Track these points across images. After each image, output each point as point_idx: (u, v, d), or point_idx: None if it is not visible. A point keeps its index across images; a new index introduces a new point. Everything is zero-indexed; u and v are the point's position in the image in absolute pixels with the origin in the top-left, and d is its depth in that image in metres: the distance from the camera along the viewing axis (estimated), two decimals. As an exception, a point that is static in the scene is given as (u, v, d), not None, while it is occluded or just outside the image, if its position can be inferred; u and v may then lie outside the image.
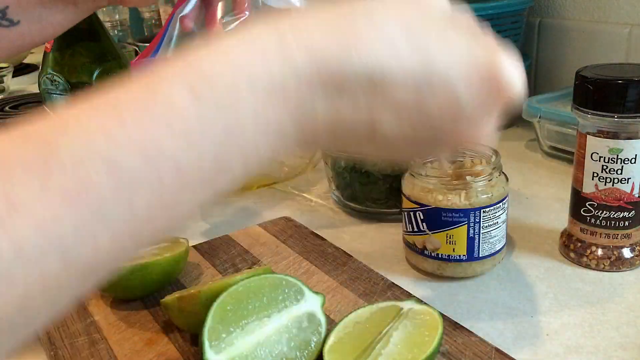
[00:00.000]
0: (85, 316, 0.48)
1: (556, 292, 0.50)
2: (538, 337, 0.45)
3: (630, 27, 0.81)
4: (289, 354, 0.39)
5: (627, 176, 0.49)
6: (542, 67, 0.95)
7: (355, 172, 0.63)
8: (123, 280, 0.47)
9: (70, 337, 0.45)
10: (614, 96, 0.47)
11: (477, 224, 0.50)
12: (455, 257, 0.51)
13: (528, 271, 0.53)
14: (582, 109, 0.49)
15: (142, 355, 0.43)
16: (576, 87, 0.50)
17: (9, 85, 1.27)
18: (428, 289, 0.52)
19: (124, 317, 0.47)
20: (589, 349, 0.43)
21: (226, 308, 0.39)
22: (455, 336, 0.42)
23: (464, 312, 0.48)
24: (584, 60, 0.86)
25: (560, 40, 0.91)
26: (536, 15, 0.94)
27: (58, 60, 0.63)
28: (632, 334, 0.44)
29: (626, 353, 0.42)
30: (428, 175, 0.51)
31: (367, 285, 0.49)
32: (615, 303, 0.48)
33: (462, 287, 0.52)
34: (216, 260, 0.55)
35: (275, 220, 0.62)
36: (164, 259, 0.48)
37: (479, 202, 0.49)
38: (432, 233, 0.51)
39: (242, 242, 0.58)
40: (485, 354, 0.40)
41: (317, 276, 0.51)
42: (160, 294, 0.50)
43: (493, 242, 0.51)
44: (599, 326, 0.45)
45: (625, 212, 0.50)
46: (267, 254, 0.56)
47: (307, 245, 0.57)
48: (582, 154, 0.51)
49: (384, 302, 0.43)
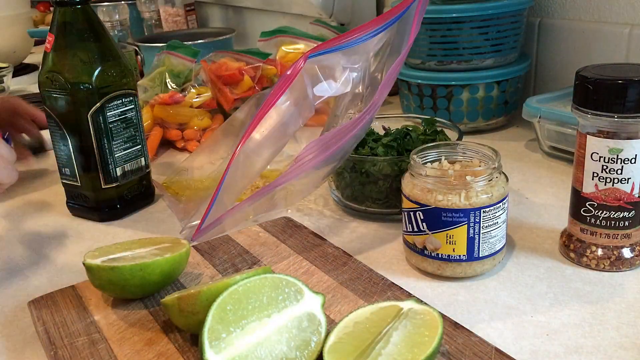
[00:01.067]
0: (85, 316, 0.48)
1: (556, 292, 0.50)
2: (538, 337, 0.45)
3: (630, 27, 0.81)
4: (289, 354, 0.39)
5: (627, 176, 0.49)
6: (542, 67, 0.95)
7: (355, 172, 0.63)
8: (123, 281, 0.47)
9: (70, 337, 0.45)
10: (614, 96, 0.47)
11: (477, 224, 0.50)
12: (455, 257, 0.51)
13: (528, 271, 0.53)
14: (582, 109, 0.49)
15: (142, 355, 0.43)
16: (576, 87, 0.50)
17: (9, 85, 1.27)
18: (428, 289, 0.52)
19: (124, 317, 0.47)
20: (589, 349, 0.43)
21: (226, 308, 0.39)
22: (455, 336, 0.42)
23: (464, 312, 0.48)
24: (584, 60, 0.86)
25: (560, 40, 0.91)
26: (536, 15, 0.94)
27: (58, 60, 0.64)
28: (632, 334, 0.44)
29: (626, 353, 0.42)
30: (428, 175, 0.51)
31: (367, 285, 0.49)
32: (615, 303, 0.48)
33: (462, 287, 0.52)
34: (216, 260, 0.55)
35: (275, 220, 0.62)
36: (164, 260, 0.48)
37: (479, 202, 0.49)
38: (432, 233, 0.51)
39: (242, 242, 0.58)
40: (485, 354, 0.40)
41: (317, 276, 0.51)
42: (161, 294, 0.50)
43: (493, 242, 0.51)
44: (599, 326, 0.45)
45: (625, 212, 0.50)
46: (267, 254, 0.56)
47: (307, 245, 0.57)
48: (582, 154, 0.51)
49: (384, 302, 0.43)
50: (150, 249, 0.50)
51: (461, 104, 0.88)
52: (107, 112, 0.65)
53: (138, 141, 0.69)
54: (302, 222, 0.63)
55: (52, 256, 0.62)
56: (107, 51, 0.65)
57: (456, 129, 0.67)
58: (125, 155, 0.68)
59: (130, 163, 0.69)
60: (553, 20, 0.92)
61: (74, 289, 0.52)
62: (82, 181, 0.67)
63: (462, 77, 0.86)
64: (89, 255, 0.49)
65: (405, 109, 0.96)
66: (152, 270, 0.47)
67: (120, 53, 0.67)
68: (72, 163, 0.66)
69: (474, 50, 0.85)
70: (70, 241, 0.65)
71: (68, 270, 0.59)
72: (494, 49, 0.85)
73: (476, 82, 0.86)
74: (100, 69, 0.64)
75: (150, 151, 0.89)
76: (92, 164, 0.66)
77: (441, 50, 0.86)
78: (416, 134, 0.66)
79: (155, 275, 0.48)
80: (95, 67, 0.64)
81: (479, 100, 0.87)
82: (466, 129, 0.89)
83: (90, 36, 0.64)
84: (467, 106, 0.88)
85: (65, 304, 0.50)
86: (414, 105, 0.92)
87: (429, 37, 0.87)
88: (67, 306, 0.49)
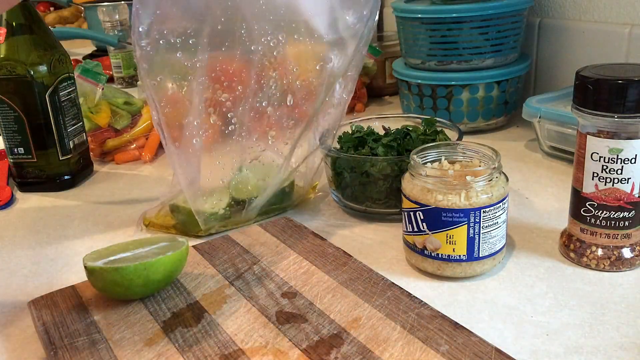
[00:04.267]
0: (85, 316, 0.48)
1: (556, 292, 0.50)
2: (538, 337, 0.45)
3: (630, 27, 0.81)
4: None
5: (627, 176, 0.49)
6: (542, 67, 0.95)
7: (355, 172, 0.63)
8: (127, 281, 0.47)
9: (70, 337, 0.45)
10: (614, 96, 0.47)
11: (477, 224, 0.50)
12: (455, 257, 0.51)
13: (528, 271, 0.53)
14: (582, 109, 0.49)
15: (142, 355, 0.43)
16: (576, 87, 0.50)
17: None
18: (428, 289, 0.52)
19: (124, 317, 0.47)
20: (589, 349, 0.43)
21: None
22: (455, 336, 0.42)
23: (464, 312, 0.48)
24: (584, 60, 0.86)
25: (560, 40, 0.91)
26: (536, 15, 0.94)
27: (14, 50, 0.73)
28: (632, 334, 0.44)
29: (626, 353, 0.42)
30: (428, 175, 0.51)
31: (367, 285, 0.49)
32: (615, 303, 0.48)
33: (462, 287, 0.52)
34: (216, 260, 0.55)
35: (275, 220, 0.62)
36: (167, 258, 0.48)
37: (479, 202, 0.49)
38: (432, 233, 0.51)
39: (242, 242, 0.58)
40: (485, 354, 0.40)
41: (317, 276, 0.51)
42: (161, 294, 0.50)
43: (493, 242, 0.51)
44: (599, 326, 0.45)
45: (625, 212, 0.51)
46: (267, 254, 0.56)
47: (307, 245, 0.57)
48: (582, 154, 0.51)
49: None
50: (149, 248, 0.51)
51: (461, 104, 0.88)
52: (60, 92, 0.76)
53: (80, 118, 0.81)
54: (302, 222, 0.63)
55: (52, 256, 0.62)
56: (53, 41, 0.76)
57: (456, 129, 0.67)
58: (74, 130, 0.79)
59: (77, 137, 0.80)
60: (553, 20, 0.92)
61: (74, 289, 0.52)
62: (39, 157, 0.77)
63: (462, 77, 0.86)
64: (88, 258, 0.49)
65: (405, 109, 0.96)
66: (156, 269, 0.48)
67: (57, 43, 0.77)
68: (27, 141, 0.76)
69: (474, 50, 0.85)
70: (71, 241, 0.65)
71: (68, 270, 0.59)
72: (494, 49, 0.85)
73: (476, 82, 0.86)
74: (53, 56, 0.75)
75: (150, 151, 0.89)
76: (50, 139, 0.77)
77: (441, 50, 0.86)
78: (416, 134, 0.66)
79: (159, 273, 0.48)
80: (48, 54, 0.74)
81: (479, 100, 0.87)
82: (466, 129, 0.89)
83: (36, 28, 0.75)
84: (467, 106, 0.88)
85: (65, 304, 0.50)
86: (414, 105, 0.92)
87: (429, 37, 0.87)
88: (67, 306, 0.49)
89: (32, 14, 0.74)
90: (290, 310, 0.47)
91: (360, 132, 0.69)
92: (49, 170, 0.78)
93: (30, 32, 0.74)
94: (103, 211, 0.72)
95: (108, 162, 0.89)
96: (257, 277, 0.52)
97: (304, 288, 0.50)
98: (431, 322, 0.44)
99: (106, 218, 0.70)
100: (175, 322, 0.46)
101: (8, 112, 0.74)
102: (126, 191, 0.78)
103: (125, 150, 0.89)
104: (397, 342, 0.42)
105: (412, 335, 0.43)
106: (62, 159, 0.78)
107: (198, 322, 0.46)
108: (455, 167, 0.54)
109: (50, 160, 0.77)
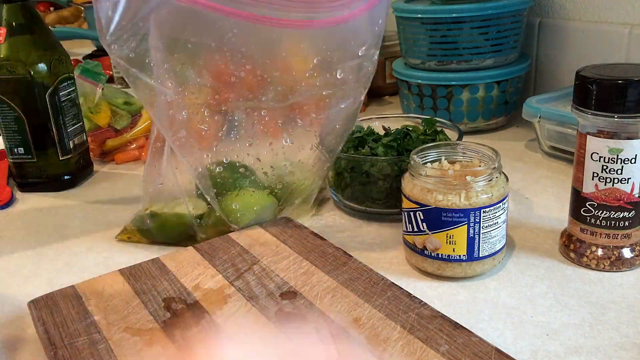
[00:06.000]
0: (85, 316, 0.48)
1: (556, 292, 0.50)
2: (538, 337, 0.45)
3: (630, 27, 0.81)
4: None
5: (627, 176, 0.49)
6: (542, 67, 0.95)
7: (355, 172, 0.63)
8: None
9: (70, 337, 0.45)
10: (614, 96, 0.47)
11: (477, 224, 0.50)
12: (455, 257, 0.51)
13: (528, 271, 0.53)
14: (582, 109, 0.49)
15: (142, 355, 0.43)
16: (576, 87, 0.50)
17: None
18: (428, 289, 0.52)
19: (124, 317, 0.47)
20: (589, 349, 0.43)
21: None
22: (455, 336, 0.42)
23: (464, 312, 0.48)
24: (584, 60, 0.86)
25: (560, 40, 0.91)
26: (536, 15, 0.94)
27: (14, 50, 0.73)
28: (632, 334, 0.44)
29: (626, 353, 0.42)
30: (428, 175, 0.51)
31: (367, 285, 0.49)
32: (615, 303, 0.48)
33: (462, 287, 0.52)
34: (216, 261, 0.55)
35: (275, 220, 0.62)
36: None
37: (479, 202, 0.49)
38: (432, 233, 0.51)
39: (242, 242, 0.58)
40: (485, 354, 0.40)
41: (317, 276, 0.51)
42: (161, 294, 0.50)
43: (493, 242, 0.51)
44: (599, 326, 0.45)
45: (625, 212, 0.51)
46: (267, 254, 0.56)
47: (307, 245, 0.57)
48: (582, 154, 0.51)
49: None
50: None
51: (461, 104, 0.88)
52: (60, 92, 0.76)
53: (80, 118, 0.81)
54: (302, 222, 0.63)
55: (52, 256, 0.62)
56: (53, 41, 0.76)
57: (456, 129, 0.67)
58: (74, 130, 0.79)
59: (77, 137, 0.80)
60: (553, 20, 0.92)
61: (74, 289, 0.52)
62: (39, 157, 0.77)
63: (462, 77, 0.86)
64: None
65: (405, 109, 0.96)
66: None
67: (57, 44, 0.77)
68: (27, 141, 0.76)
69: (474, 50, 0.85)
70: (71, 241, 0.65)
71: (68, 271, 0.59)
72: (494, 49, 0.85)
73: (476, 82, 0.86)
74: (53, 56, 0.75)
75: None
76: (50, 139, 0.77)
77: (441, 50, 0.86)
78: (416, 134, 0.66)
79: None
80: (49, 53, 0.75)
81: (479, 100, 0.87)
82: (466, 129, 0.89)
83: (36, 28, 0.75)
84: (467, 106, 0.88)
85: (65, 304, 0.50)
86: (414, 105, 0.92)
87: (429, 37, 0.87)
88: (67, 306, 0.49)
89: (32, 14, 0.75)
90: (290, 310, 0.47)
91: (360, 132, 0.69)
92: (49, 171, 0.78)
93: (30, 32, 0.74)
94: (103, 211, 0.72)
95: (108, 162, 0.89)
96: (257, 277, 0.52)
97: (304, 288, 0.50)
98: (431, 322, 0.44)
99: (106, 218, 0.70)
100: (175, 322, 0.46)
101: (8, 112, 0.74)
102: (126, 191, 0.78)
103: (125, 150, 0.89)
104: (397, 342, 0.42)
105: (412, 335, 0.43)
106: (62, 159, 0.78)
107: (198, 322, 0.46)
108: (455, 167, 0.54)
109: (50, 161, 0.78)
